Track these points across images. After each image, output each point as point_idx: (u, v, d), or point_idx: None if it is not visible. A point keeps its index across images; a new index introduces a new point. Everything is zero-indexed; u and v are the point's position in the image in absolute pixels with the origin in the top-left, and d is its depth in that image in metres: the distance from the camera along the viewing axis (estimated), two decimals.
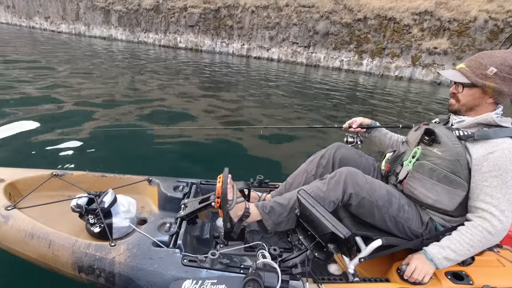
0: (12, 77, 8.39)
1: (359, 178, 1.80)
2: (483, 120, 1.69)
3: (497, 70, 1.61)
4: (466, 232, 1.63)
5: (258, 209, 1.89)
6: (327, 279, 1.74)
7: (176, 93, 9.02)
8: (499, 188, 1.55)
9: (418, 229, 1.83)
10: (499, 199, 1.55)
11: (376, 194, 1.78)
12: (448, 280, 1.77)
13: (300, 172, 2.25)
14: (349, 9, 22.89)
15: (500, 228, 1.55)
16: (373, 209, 1.79)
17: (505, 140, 1.60)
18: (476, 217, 1.62)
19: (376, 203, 1.78)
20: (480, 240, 1.59)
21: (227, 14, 27.11)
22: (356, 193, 1.77)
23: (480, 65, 1.66)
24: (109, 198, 1.93)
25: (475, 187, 1.63)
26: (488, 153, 1.59)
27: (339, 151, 2.19)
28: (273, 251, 1.85)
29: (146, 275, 1.63)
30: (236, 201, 1.83)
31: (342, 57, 23.77)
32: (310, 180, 2.14)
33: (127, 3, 30.80)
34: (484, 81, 1.64)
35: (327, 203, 1.77)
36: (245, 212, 1.86)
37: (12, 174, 2.22)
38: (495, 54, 1.65)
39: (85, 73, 10.50)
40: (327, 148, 2.24)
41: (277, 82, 13.49)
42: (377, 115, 8.99)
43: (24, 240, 1.77)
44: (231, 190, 1.82)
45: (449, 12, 20.43)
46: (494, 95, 1.66)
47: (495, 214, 1.55)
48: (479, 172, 1.61)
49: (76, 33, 34.84)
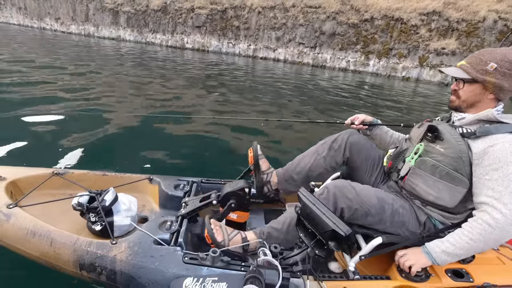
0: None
1: (348, 190, 1.79)
2: (483, 117, 1.68)
3: (497, 66, 1.62)
4: (466, 225, 1.62)
5: (256, 235, 1.95)
6: (328, 276, 1.74)
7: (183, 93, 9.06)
8: (500, 181, 1.53)
9: (416, 230, 1.83)
10: (500, 192, 1.52)
11: (368, 204, 1.77)
12: (448, 278, 1.76)
13: (309, 153, 2.25)
14: (356, 9, 22.80)
15: (503, 222, 1.49)
16: (368, 217, 1.79)
17: (506, 135, 1.59)
18: (479, 211, 1.61)
19: (368, 212, 1.77)
20: (479, 233, 1.54)
21: (234, 15, 27.14)
22: (348, 207, 1.76)
23: (481, 61, 1.68)
24: (110, 196, 1.94)
25: (477, 182, 1.62)
26: (488, 146, 1.59)
27: (352, 137, 2.18)
28: (274, 248, 1.84)
29: (147, 273, 1.64)
30: (229, 238, 1.89)
31: (348, 57, 23.68)
32: (320, 162, 2.17)
33: (135, 4, 30.98)
34: (485, 77, 1.65)
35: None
36: (243, 243, 1.90)
37: (13, 172, 2.23)
38: (495, 51, 1.67)
39: (91, 72, 10.56)
40: (340, 133, 2.24)
41: (282, 81, 13.52)
42: (380, 113, 8.98)
43: (25, 238, 1.78)
44: (219, 231, 1.90)
45: (458, 12, 20.26)
46: (495, 91, 1.67)
47: (497, 206, 1.52)
48: (480, 166, 1.60)
49: (86, 34, 35.10)
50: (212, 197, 2.05)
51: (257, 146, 2.27)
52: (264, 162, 2.28)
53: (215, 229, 1.89)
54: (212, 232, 1.85)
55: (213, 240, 1.83)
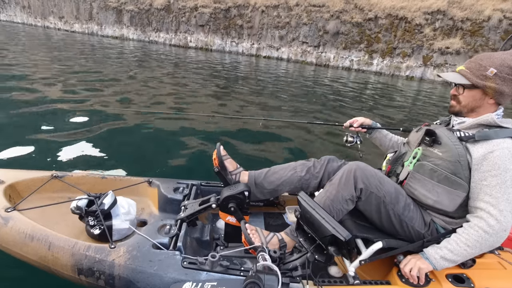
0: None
1: (369, 172, 1.79)
2: (483, 121, 1.69)
3: (497, 71, 1.62)
4: (462, 232, 1.62)
5: (288, 236, 1.98)
6: (328, 281, 1.72)
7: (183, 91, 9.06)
8: (498, 187, 1.54)
9: (421, 229, 1.81)
10: (498, 198, 1.53)
11: (384, 190, 1.77)
12: (449, 283, 1.75)
13: (287, 168, 2.23)
14: (360, 8, 22.76)
15: (498, 228, 1.52)
16: (380, 205, 1.78)
17: (505, 140, 1.59)
18: (474, 217, 1.61)
19: (383, 198, 1.76)
20: (476, 239, 1.56)
21: (237, 13, 27.16)
22: (365, 188, 1.75)
23: (480, 67, 1.67)
24: (109, 200, 1.93)
25: (475, 187, 1.62)
26: (488, 152, 1.59)
27: (330, 165, 2.19)
28: (273, 253, 1.83)
29: (146, 278, 1.63)
30: (267, 241, 1.92)
31: (352, 56, 23.64)
32: (294, 179, 2.17)
33: (139, 3, 31.08)
34: (485, 82, 1.65)
35: (344, 201, 1.77)
36: (280, 244, 1.94)
37: (12, 175, 2.23)
38: (493, 56, 1.67)
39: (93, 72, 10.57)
40: (321, 159, 2.24)
41: (284, 80, 13.50)
42: (380, 113, 8.97)
43: (24, 242, 1.77)
44: (256, 235, 1.93)
45: (462, 12, 20.19)
46: (495, 96, 1.67)
47: (493, 213, 1.53)
48: (479, 171, 1.61)
49: (89, 32, 35.29)
50: (211, 200, 2.04)
51: (220, 147, 2.26)
52: (230, 163, 2.27)
53: (251, 233, 1.91)
54: (249, 237, 1.86)
55: (251, 245, 1.83)
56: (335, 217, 1.76)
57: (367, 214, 1.87)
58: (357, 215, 1.91)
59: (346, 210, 1.80)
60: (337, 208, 1.78)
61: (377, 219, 1.84)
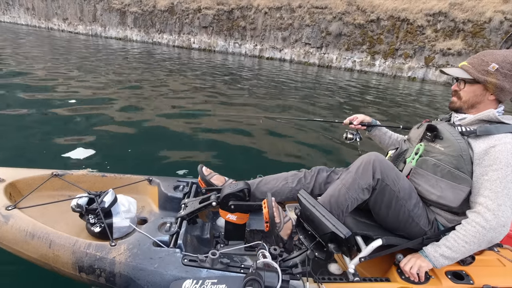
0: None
1: (386, 163, 1.76)
2: (484, 117, 1.69)
3: (498, 67, 1.64)
4: (460, 228, 1.62)
5: None
6: (328, 278, 1.73)
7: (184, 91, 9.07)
8: (498, 181, 1.53)
9: (425, 227, 1.81)
10: (497, 193, 1.53)
11: (400, 184, 1.74)
12: (448, 280, 1.75)
13: (279, 178, 2.22)
14: (362, 10, 22.80)
15: (495, 223, 1.51)
16: (392, 200, 1.75)
17: (507, 135, 1.60)
18: (472, 212, 1.61)
19: (397, 193, 1.74)
20: (474, 235, 1.55)
21: (240, 15, 27.24)
22: (382, 179, 1.73)
23: (482, 62, 1.69)
24: (109, 198, 1.92)
25: (476, 182, 1.62)
26: (489, 147, 1.59)
27: (320, 175, 2.19)
28: (273, 250, 1.84)
29: (147, 275, 1.63)
30: (284, 221, 1.93)
31: (354, 57, 23.68)
32: (285, 190, 2.16)
33: (143, 4, 31.23)
34: (486, 77, 1.67)
35: (360, 190, 1.74)
36: (293, 229, 1.95)
37: (12, 174, 2.22)
38: (496, 52, 1.69)
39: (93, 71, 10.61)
40: (311, 169, 2.24)
41: (288, 80, 13.52)
42: (381, 113, 8.97)
43: (24, 240, 1.77)
44: (277, 212, 1.91)
45: (464, 13, 20.20)
46: (496, 92, 1.68)
47: (490, 207, 1.53)
48: (480, 166, 1.61)
49: (93, 34, 35.47)
50: (211, 198, 2.04)
51: (202, 168, 2.29)
52: (217, 179, 2.27)
53: (275, 207, 1.91)
54: (273, 211, 1.85)
55: (271, 220, 1.84)
56: (350, 206, 1.76)
57: (374, 206, 1.83)
58: (357, 212, 1.91)
59: (361, 199, 1.76)
60: (353, 196, 1.74)
61: (384, 213, 1.81)
